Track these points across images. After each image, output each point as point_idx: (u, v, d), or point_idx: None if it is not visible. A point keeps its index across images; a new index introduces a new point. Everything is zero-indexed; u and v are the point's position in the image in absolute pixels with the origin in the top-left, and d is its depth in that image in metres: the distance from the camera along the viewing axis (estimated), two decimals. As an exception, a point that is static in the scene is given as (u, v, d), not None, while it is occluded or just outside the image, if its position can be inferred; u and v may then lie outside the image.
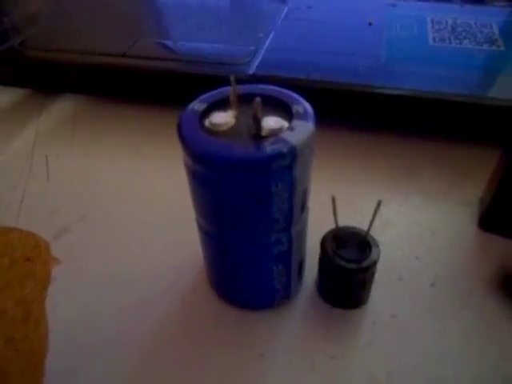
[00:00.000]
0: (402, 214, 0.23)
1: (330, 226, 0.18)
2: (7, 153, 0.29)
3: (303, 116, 0.15)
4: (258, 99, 0.14)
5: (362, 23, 0.32)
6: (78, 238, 0.23)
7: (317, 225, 0.19)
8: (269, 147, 0.14)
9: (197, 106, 0.16)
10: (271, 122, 0.15)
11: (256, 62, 0.28)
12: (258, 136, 0.14)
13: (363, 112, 0.27)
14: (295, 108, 0.15)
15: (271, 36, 0.31)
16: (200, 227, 0.17)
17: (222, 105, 0.16)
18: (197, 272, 0.21)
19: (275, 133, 0.14)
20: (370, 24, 0.32)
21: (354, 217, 0.23)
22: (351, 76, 0.26)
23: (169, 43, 0.31)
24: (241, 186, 0.14)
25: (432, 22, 0.31)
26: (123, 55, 0.30)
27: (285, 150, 0.14)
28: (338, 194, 0.17)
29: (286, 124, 0.15)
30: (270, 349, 0.18)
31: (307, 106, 0.15)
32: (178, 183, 0.25)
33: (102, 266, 0.22)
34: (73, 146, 0.29)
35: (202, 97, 0.16)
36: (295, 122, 0.15)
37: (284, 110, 0.16)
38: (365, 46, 0.29)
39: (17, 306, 0.20)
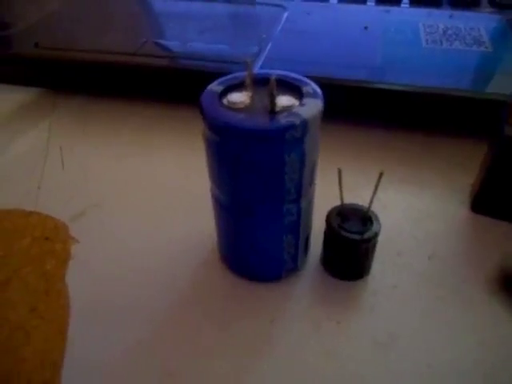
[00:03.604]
0: (400, 198, 0.25)
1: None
2: (23, 146, 0.30)
3: (313, 95, 0.17)
4: (273, 77, 0.16)
5: (358, 28, 0.34)
6: (93, 220, 0.24)
7: (320, 209, 0.20)
8: (283, 119, 0.15)
9: (215, 87, 0.17)
10: (284, 100, 0.16)
11: (260, 62, 0.30)
12: (272, 112, 0.16)
13: (363, 108, 0.29)
14: (305, 89, 0.17)
15: (273, 38, 0.33)
16: (215, 199, 0.19)
17: (237, 87, 0.18)
18: (209, 251, 0.22)
19: (288, 109, 0.16)
20: (366, 28, 0.34)
21: (355, 201, 0.24)
22: (349, 73, 0.28)
23: (177, 44, 0.33)
24: (256, 155, 0.16)
25: (424, 26, 0.33)
26: (133, 54, 0.32)
27: (297, 121, 0.15)
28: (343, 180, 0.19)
29: (297, 102, 0.16)
30: (279, 315, 0.19)
31: (315, 86, 0.17)
32: (189, 172, 0.27)
33: (117, 245, 0.23)
34: (85, 140, 0.31)
35: (219, 80, 0.18)
36: (305, 100, 0.16)
37: (294, 91, 0.17)
38: (362, 47, 0.31)
39: (39, 279, 0.21)
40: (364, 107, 0.29)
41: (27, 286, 0.21)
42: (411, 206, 0.24)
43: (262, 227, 0.18)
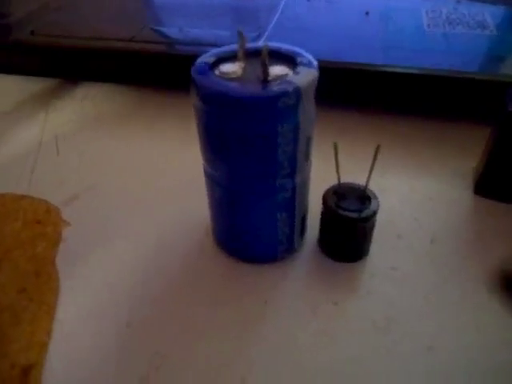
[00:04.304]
0: (400, 182, 0.24)
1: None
2: (20, 132, 0.30)
3: (307, 64, 0.16)
4: (265, 46, 0.15)
5: (359, 13, 0.33)
6: (86, 204, 0.24)
7: (318, 192, 0.19)
8: (275, 87, 0.15)
9: (206, 59, 0.17)
10: (277, 70, 0.16)
11: (258, 47, 0.30)
12: (265, 81, 0.15)
13: (364, 92, 0.28)
14: (299, 59, 0.16)
15: (273, 24, 0.32)
16: (208, 176, 0.18)
17: (229, 59, 0.17)
18: (204, 234, 0.22)
19: (281, 78, 0.15)
20: (367, 14, 0.33)
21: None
22: (349, 57, 0.28)
23: (174, 30, 0.32)
24: (249, 125, 0.15)
25: (427, 11, 0.33)
26: (130, 40, 0.31)
27: (290, 89, 0.15)
28: (344, 168, 0.19)
29: (291, 72, 0.16)
30: (273, 296, 0.19)
31: (310, 57, 0.17)
32: (184, 158, 0.26)
33: (109, 228, 0.22)
34: (82, 125, 0.30)
35: (211, 52, 0.17)
36: (300, 68, 0.16)
37: (289, 62, 0.17)
38: (362, 32, 0.31)
39: (29, 262, 0.21)
40: (365, 91, 0.28)
41: (17, 268, 0.20)
42: (412, 189, 0.24)
43: (255, 204, 0.18)
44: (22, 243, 0.22)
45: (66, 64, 0.33)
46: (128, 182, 0.25)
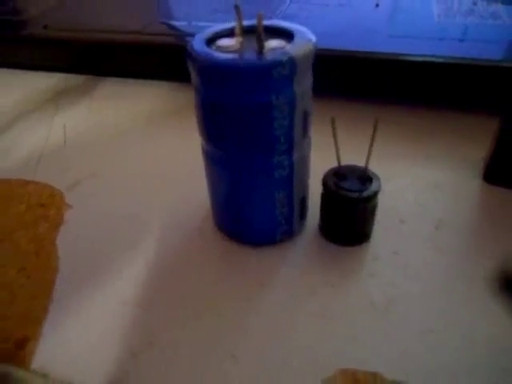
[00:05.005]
0: (408, 169, 0.24)
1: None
2: (29, 123, 0.30)
3: (304, 37, 0.16)
4: (259, 16, 0.15)
5: (369, 5, 0.33)
6: (89, 189, 0.24)
7: (319, 177, 0.19)
8: (269, 57, 0.15)
9: (203, 35, 0.17)
10: (274, 43, 0.16)
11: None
12: (260, 53, 0.15)
13: (372, 81, 0.28)
14: (297, 33, 0.16)
15: (282, 16, 0.32)
16: (206, 155, 0.18)
17: (227, 35, 0.17)
18: (204, 218, 0.21)
19: (277, 50, 0.15)
20: (377, 5, 0.33)
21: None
22: (360, 46, 0.27)
23: (183, 23, 0.33)
24: (243, 95, 0.15)
25: (438, 2, 0.32)
26: (139, 33, 0.32)
27: (285, 58, 0.14)
28: (349, 160, 0.18)
29: (288, 45, 0.16)
30: (270, 278, 0.18)
31: (308, 32, 0.16)
32: (186, 146, 0.26)
33: (110, 212, 0.22)
34: (90, 118, 0.30)
35: (208, 30, 0.17)
36: (297, 40, 0.16)
37: (287, 37, 0.16)
38: (373, 23, 0.30)
39: (30, 242, 0.21)
40: (371, 80, 0.27)
41: (18, 248, 0.21)
42: (417, 176, 0.23)
43: (253, 182, 0.17)
44: (24, 225, 0.22)
45: (78, 57, 0.34)
46: (129, 171, 0.25)
